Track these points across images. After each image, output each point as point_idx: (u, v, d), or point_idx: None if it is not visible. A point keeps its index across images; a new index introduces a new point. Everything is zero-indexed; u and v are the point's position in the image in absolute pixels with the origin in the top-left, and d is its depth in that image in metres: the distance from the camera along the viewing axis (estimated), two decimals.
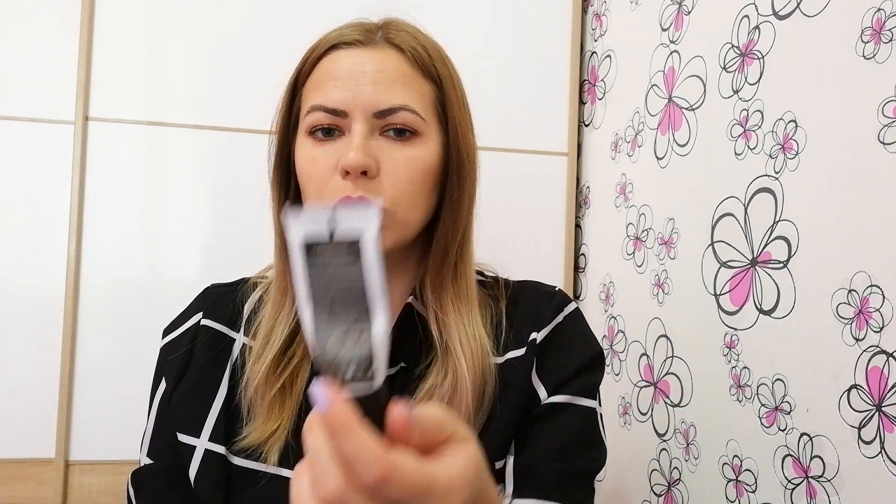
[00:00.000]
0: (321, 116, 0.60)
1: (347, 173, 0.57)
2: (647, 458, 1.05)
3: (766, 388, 0.79)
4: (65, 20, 1.15)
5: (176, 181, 1.20)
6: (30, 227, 1.14)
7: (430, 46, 0.64)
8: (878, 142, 0.65)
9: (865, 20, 0.67)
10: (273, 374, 0.62)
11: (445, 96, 0.63)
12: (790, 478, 0.75)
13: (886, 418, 0.63)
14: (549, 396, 0.64)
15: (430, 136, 0.61)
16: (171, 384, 0.67)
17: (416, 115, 0.60)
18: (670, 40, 1.04)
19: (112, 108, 1.17)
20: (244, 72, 1.21)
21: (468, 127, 0.65)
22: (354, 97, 0.59)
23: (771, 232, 0.80)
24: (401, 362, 0.63)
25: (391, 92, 0.59)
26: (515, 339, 0.66)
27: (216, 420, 0.64)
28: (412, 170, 0.60)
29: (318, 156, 0.60)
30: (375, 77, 0.59)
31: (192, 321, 0.69)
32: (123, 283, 1.17)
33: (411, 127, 0.60)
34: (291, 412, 0.62)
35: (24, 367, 1.13)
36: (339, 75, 0.60)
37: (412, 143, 0.60)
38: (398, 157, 0.59)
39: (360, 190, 0.58)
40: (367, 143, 0.58)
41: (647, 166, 1.10)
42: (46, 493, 1.12)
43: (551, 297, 0.69)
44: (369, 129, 0.59)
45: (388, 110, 0.59)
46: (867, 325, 0.66)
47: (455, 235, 0.64)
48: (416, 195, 0.60)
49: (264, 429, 0.62)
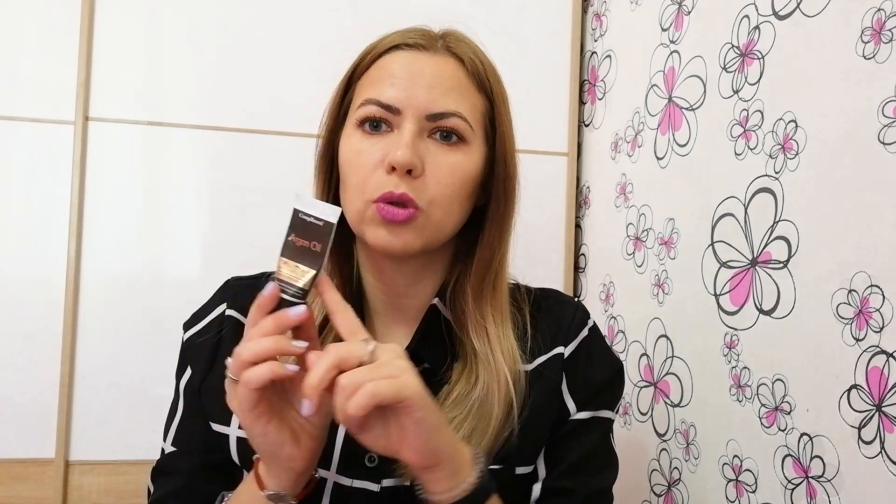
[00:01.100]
0: (374, 109, 0.61)
1: (393, 169, 0.59)
2: (647, 458, 1.05)
3: (766, 388, 0.79)
4: (65, 20, 1.15)
5: (176, 181, 1.20)
6: (30, 227, 1.14)
7: (487, 62, 0.66)
8: (878, 142, 0.65)
9: (865, 20, 0.67)
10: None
11: (495, 111, 0.65)
12: (790, 478, 0.75)
13: (886, 418, 0.63)
14: (577, 411, 0.67)
15: (475, 145, 0.63)
16: (200, 373, 0.68)
17: (466, 123, 0.62)
18: (670, 40, 1.04)
19: (112, 108, 1.17)
20: (244, 72, 1.21)
21: (514, 145, 0.67)
22: (409, 97, 0.60)
23: (771, 232, 0.80)
24: (424, 363, 0.64)
25: (446, 97, 0.61)
26: (542, 346, 0.68)
27: None
28: (454, 175, 0.61)
29: (364, 148, 0.61)
30: (432, 81, 0.61)
31: (216, 312, 0.70)
32: (123, 282, 1.17)
33: (460, 133, 0.61)
34: None
35: (25, 367, 1.13)
36: (397, 74, 0.62)
37: (458, 150, 0.62)
38: (443, 161, 0.61)
39: (402, 187, 0.59)
40: (416, 143, 0.60)
41: (647, 166, 1.10)
42: (46, 493, 1.12)
43: (574, 310, 0.71)
44: (419, 130, 0.61)
45: (441, 114, 0.60)
46: (867, 325, 0.66)
47: (500, 246, 0.66)
48: (454, 201, 0.62)
49: None
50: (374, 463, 0.63)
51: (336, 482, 0.63)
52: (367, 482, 0.63)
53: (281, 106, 1.21)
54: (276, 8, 1.22)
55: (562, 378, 0.67)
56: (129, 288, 1.17)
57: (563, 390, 0.67)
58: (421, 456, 0.52)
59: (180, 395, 0.70)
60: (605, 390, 0.70)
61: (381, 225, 0.60)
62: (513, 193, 0.66)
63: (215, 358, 0.68)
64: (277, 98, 1.20)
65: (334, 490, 0.63)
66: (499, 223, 0.65)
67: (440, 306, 0.67)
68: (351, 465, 0.63)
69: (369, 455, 0.63)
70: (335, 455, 0.64)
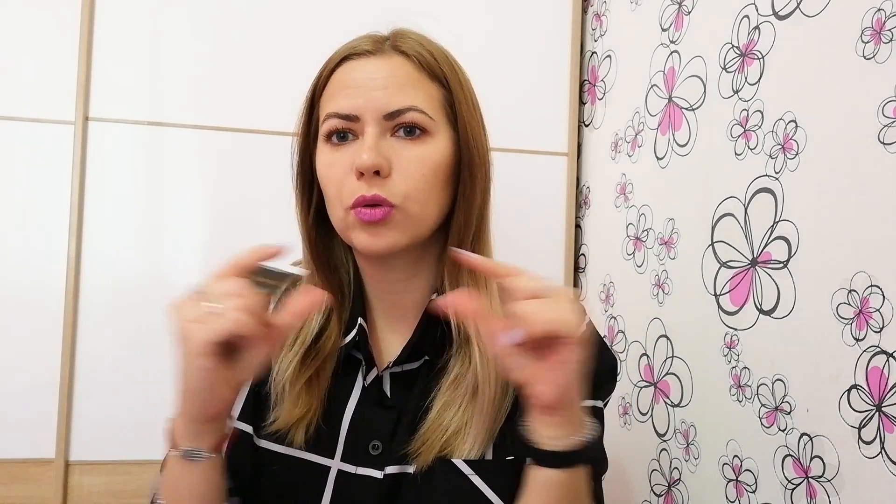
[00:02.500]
0: (336, 122, 0.63)
1: (362, 174, 0.61)
2: (647, 458, 1.05)
3: (766, 388, 0.79)
4: (65, 20, 1.15)
5: (176, 181, 1.20)
6: (30, 227, 1.14)
7: (436, 51, 0.67)
8: (878, 142, 0.65)
9: (865, 20, 0.67)
10: (302, 365, 0.67)
11: (453, 96, 0.66)
12: (790, 478, 0.75)
13: (886, 418, 0.63)
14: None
15: (439, 134, 0.65)
16: None
17: (425, 115, 0.63)
18: (670, 40, 1.04)
19: (112, 108, 1.17)
20: (244, 72, 1.21)
21: (478, 125, 0.69)
22: (365, 102, 0.62)
23: (771, 232, 0.80)
24: (424, 356, 0.67)
25: (400, 95, 0.62)
26: None
27: (245, 401, 0.69)
28: (423, 166, 0.63)
29: (334, 160, 0.64)
30: (385, 82, 0.63)
31: None
32: (123, 283, 1.17)
33: (420, 125, 0.63)
34: (319, 399, 0.67)
35: (25, 368, 1.13)
36: (349, 84, 0.64)
37: (422, 141, 0.63)
38: (409, 155, 0.63)
39: (374, 189, 0.61)
40: (378, 144, 0.62)
41: (647, 166, 1.10)
42: (46, 493, 1.12)
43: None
44: (381, 132, 0.62)
45: (398, 111, 0.62)
46: (867, 325, 0.66)
47: (469, 229, 0.66)
48: (429, 191, 0.63)
49: (292, 414, 0.66)
50: (377, 450, 0.65)
51: (340, 469, 0.65)
52: (370, 469, 0.65)
53: (281, 106, 1.21)
54: (276, 8, 1.22)
55: None
56: (129, 288, 1.17)
57: None
58: (558, 393, 0.52)
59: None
60: (600, 382, 0.69)
61: (362, 228, 0.62)
62: (478, 175, 0.67)
63: None
64: (278, 98, 1.20)
65: (338, 477, 0.65)
66: (466, 206, 0.66)
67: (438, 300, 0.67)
68: (355, 452, 0.65)
69: (373, 443, 0.65)
70: (340, 443, 0.66)
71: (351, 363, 0.69)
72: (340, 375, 0.68)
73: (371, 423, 0.66)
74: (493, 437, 0.64)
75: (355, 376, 0.69)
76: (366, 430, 0.66)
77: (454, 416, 0.63)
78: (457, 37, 1.38)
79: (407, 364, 0.67)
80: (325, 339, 0.68)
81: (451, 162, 0.66)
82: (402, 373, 0.68)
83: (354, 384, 0.68)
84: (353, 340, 0.68)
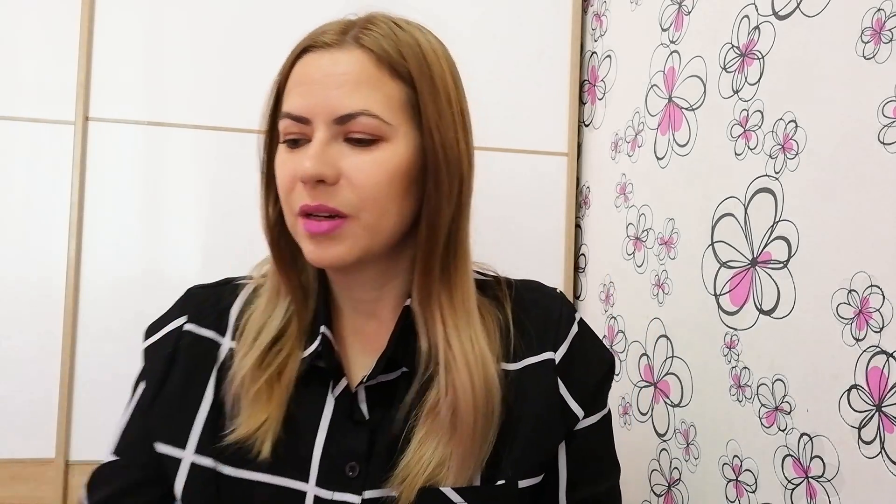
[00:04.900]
0: (288, 124, 0.59)
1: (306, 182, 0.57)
2: (647, 458, 1.05)
3: (766, 388, 0.79)
4: (65, 20, 1.15)
5: (176, 181, 1.20)
6: (30, 227, 1.14)
7: (405, 43, 0.59)
8: (878, 142, 0.65)
9: (865, 20, 0.67)
10: (258, 367, 0.62)
11: (419, 96, 0.59)
12: (790, 478, 0.75)
13: (886, 418, 0.63)
14: (585, 416, 0.65)
15: (397, 139, 0.58)
16: (153, 389, 0.65)
17: (378, 120, 0.57)
18: (670, 40, 1.04)
19: (112, 108, 1.17)
20: (244, 72, 1.21)
21: (451, 126, 0.60)
22: (316, 103, 0.57)
23: (771, 232, 0.80)
24: (402, 367, 0.62)
25: (353, 96, 0.56)
26: (527, 345, 0.65)
27: (202, 430, 0.63)
28: (378, 175, 0.57)
29: (287, 161, 0.59)
30: (339, 80, 0.57)
31: (174, 325, 0.67)
32: (123, 283, 1.17)
33: (371, 133, 0.57)
34: (280, 403, 0.61)
35: (24, 367, 1.13)
36: (304, 80, 0.58)
37: (377, 148, 0.57)
38: (359, 162, 0.57)
39: (318, 199, 0.56)
40: (324, 151, 0.56)
41: (647, 166, 1.10)
42: (46, 493, 1.12)
43: (560, 306, 0.68)
44: (331, 136, 0.57)
45: (347, 116, 0.56)
46: (867, 325, 0.66)
47: (435, 244, 0.60)
48: (386, 201, 0.58)
49: (252, 421, 0.61)
50: (354, 473, 0.60)
51: (316, 495, 0.60)
52: (348, 494, 0.60)
53: None
54: (276, 8, 1.22)
55: (556, 382, 0.64)
56: (129, 288, 1.17)
57: (563, 395, 0.64)
58: None
59: (133, 404, 0.67)
60: (604, 387, 0.68)
61: (309, 239, 0.58)
62: (446, 184, 0.60)
63: (167, 376, 0.64)
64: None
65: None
66: (431, 219, 0.60)
67: (413, 305, 0.62)
68: (330, 476, 0.60)
69: (349, 464, 0.60)
70: (313, 466, 0.61)
71: (320, 376, 0.63)
72: (308, 389, 0.63)
73: (345, 442, 0.61)
74: (480, 466, 0.60)
75: (325, 392, 0.63)
76: (340, 450, 0.61)
77: (434, 450, 0.59)
78: (456, 37, 1.39)
79: (383, 375, 0.62)
80: (284, 339, 0.63)
81: (414, 168, 0.59)
82: (378, 385, 0.62)
83: (326, 400, 0.63)
84: (315, 351, 0.62)
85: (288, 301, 0.64)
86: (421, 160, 0.59)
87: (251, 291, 0.68)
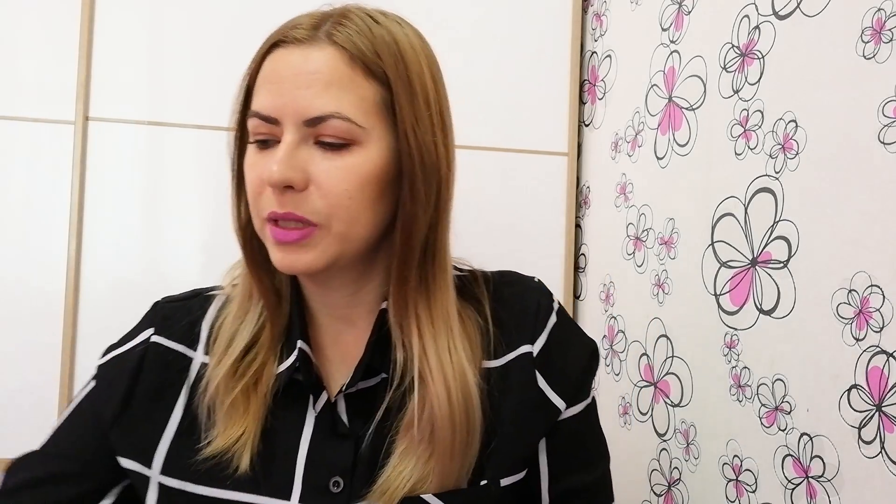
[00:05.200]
0: (256, 124, 0.56)
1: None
2: (647, 458, 1.05)
3: (766, 388, 0.79)
4: (65, 20, 1.15)
5: (176, 181, 1.20)
6: (30, 227, 1.14)
7: (381, 40, 0.56)
8: (878, 142, 0.65)
9: (865, 20, 0.67)
10: (232, 377, 0.59)
11: (394, 96, 0.55)
12: (790, 478, 0.75)
13: (886, 418, 0.63)
14: (568, 407, 0.64)
15: (370, 142, 0.55)
16: (116, 402, 0.61)
17: (350, 123, 0.54)
18: (670, 40, 1.04)
19: (112, 108, 1.17)
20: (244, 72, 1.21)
21: (429, 128, 0.57)
22: (285, 104, 0.54)
23: (771, 232, 0.80)
24: (381, 373, 0.60)
25: (323, 97, 0.53)
26: (508, 341, 0.63)
27: (169, 449, 0.60)
28: (347, 181, 0.54)
29: (256, 162, 0.56)
30: (309, 80, 0.53)
31: (140, 337, 0.64)
32: (123, 283, 1.17)
33: (343, 137, 0.54)
34: (257, 415, 0.59)
35: (24, 367, 1.13)
36: (274, 78, 0.55)
37: (349, 152, 0.54)
38: (330, 167, 0.54)
39: (287, 206, 0.54)
40: (293, 155, 0.53)
41: (647, 166, 1.10)
42: None
43: (537, 297, 0.66)
44: (301, 138, 0.54)
45: (318, 118, 0.53)
46: (867, 325, 0.66)
47: (411, 252, 0.57)
48: (356, 208, 0.55)
49: (228, 434, 0.58)
50: (339, 488, 0.58)
51: None
52: None
53: None
54: (276, 8, 1.22)
55: (535, 376, 0.62)
56: (129, 288, 1.17)
57: (542, 388, 0.62)
58: None
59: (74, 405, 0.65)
60: (587, 376, 0.66)
61: (277, 247, 0.55)
62: (422, 189, 0.57)
63: (134, 391, 0.61)
64: None
65: None
66: (406, 227, 0.57)
67: (389, 308, 0.60)
68: (314, 492, 0.58)
69: (334, 479, 0.58)
70: (296, 483, 0.58)
71: (299, 388, 0.60)
72: (287, 401, 0.60)
73: (329, 456, 0.59)
74: (467, 473, 0.59)
75: (305, 404, 0.60)
76: (324, 464, 0.59)
77: (414, 465, 0.57)
78: (457, 37, 1.39)
79: (363, 382, 0.60)
80: (257, 347, 0.61)
81: (388, 172, 0.56)
82: (357, 392, 0.60)
83: (306, 413, 0.60)
84: (292, 366, 0.60)
85: (261, 306, 0.62)
86: (396, 165, 0.56)
87: (222, 302, 0.65)
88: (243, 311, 0.62)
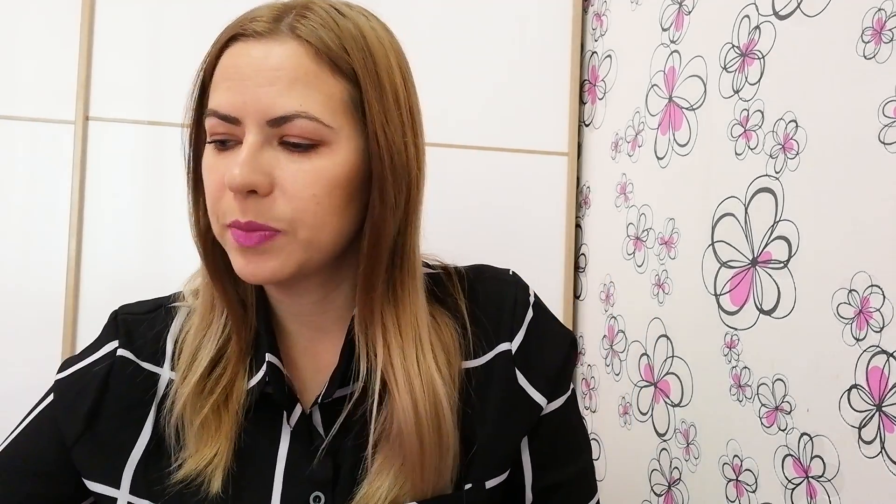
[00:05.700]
0: (215, 123, 0.52)
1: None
2: (647, 458, 1.05)
3: (767, 388, 0.79)
4: (65, 20, 1.15)
5: (176, 181, 1.19)
6: (30, 227, 1.14)
7: (347, 33, 0.52)
8: (878, 142, 0.65)
9: (866, 20, 0.67)
10: (200, 394, 0.57)
11: (363, 94, 0.52)
12: (790, 478, 0.75)
13: (887, 418, 0.63)
14: (549, 402, 0.62)
15: (339, 143, 0.52)
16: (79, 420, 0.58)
17: (317, 123, 0.50)
18: (671, 40, 1.04)
19: (112, 107, 1.17)
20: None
21: (398, 128, 0.54)
22: (246, 102, 0.50)
23: (771, 232, 0.80)
24: (357, 381, 0.57)
25: (288, 95, 0.50)
26: (486, 339, 0.62)
27: (136, 468, 0.57)
28: (314, 185, 0.51)
29: (215, 164, 0.53)
30: (271, 77, 0.50)
31: (104, 350, 0.61)
32: (123, 283, 1.17)
33: (309, 138, 0.51)
34: (229, 433, 0.57)
35: (25, 368, 1.13)
36: (232, 74, 0.51)
37: (316, 154, 0.51)
38: (297, 170, 0.51)
39: (249, 213, 0.50)
40: (256, 157, 0.50)
41: (648, 166, 1.10)
42: None
43: (514, 291, 0.64)
44: (264, 139, 0.51)
45: (282, 118, 0.50)
46: (867, 325, 0.66)
47: (379, 258, 0.55)
48: (323, 213, 0.52)
49: (201, 455, 0.56)
50: (320, 503, 0.56)
51: None
52: None
53: None
54: None
55: (515, 374, 0.61)
56: (129, 288, 1.17)
57: (522, 386, 0.61)
58: None
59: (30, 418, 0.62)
60: (566, 370, 0.64)
61: (240, 253, 0.52)
62: (391, 192, 0.54)
63: (99, 409, 0.58)
64: None
65: None
66: (375, 231, 0.54)
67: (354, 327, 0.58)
68: None
69: (314, 494, 0.56)
70: (274, 499, 0.56)
71: (272, 403, 0.58)
72: (260, 416, 0.58)
73: (307, 471, 0.57)
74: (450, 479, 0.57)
75: (280, 418, 0.58)
76: (303, 480, 0.56)
77: (392, 480, 0.55)
78: (456, 37, 1.39)
79: (339, 390, 0.58)
80: (225, 360, 0.58)
81: (358, 175, 0.53)
82: (333, 402, 0.58)
83: (281, 428, 0.58)
84: (263, 380, 0.57)
85: (224, 317, 0.59)
86: (365, 166, 0.53)
87: (186, 314, 0.63)
88: (206, 324, 0.60)
